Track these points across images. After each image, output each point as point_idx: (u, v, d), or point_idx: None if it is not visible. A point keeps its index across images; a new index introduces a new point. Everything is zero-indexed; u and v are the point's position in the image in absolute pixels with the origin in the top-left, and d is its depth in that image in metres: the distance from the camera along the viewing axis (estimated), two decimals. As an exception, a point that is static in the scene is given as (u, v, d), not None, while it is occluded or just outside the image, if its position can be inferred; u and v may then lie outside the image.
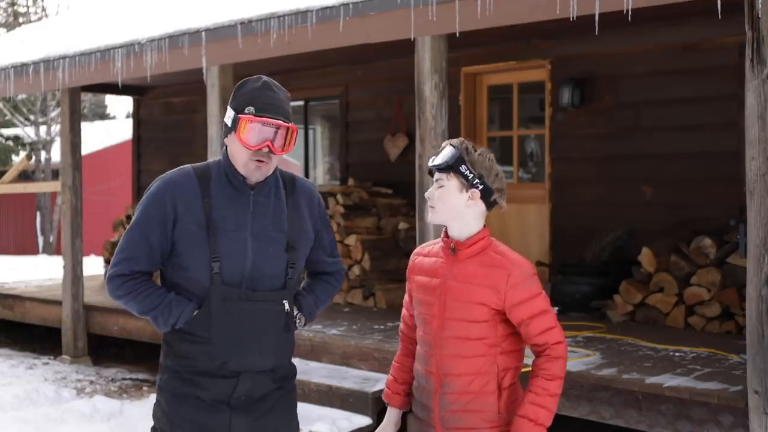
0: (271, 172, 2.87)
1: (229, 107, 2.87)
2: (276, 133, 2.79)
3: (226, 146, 2.91)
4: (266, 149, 2.79)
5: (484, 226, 2.91)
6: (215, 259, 2.78)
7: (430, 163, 2.91)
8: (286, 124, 2.82)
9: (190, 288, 2.84)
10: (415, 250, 3.07)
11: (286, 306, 2.88)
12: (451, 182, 2.85)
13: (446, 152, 2.86)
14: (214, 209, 2.81)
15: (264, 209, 2.87)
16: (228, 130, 2.85)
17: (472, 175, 2.83)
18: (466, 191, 2.84)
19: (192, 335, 2.84)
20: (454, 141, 2.91)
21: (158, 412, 2.94)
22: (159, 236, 2.83)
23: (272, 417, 2.92)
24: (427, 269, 2.94)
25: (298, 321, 2.98)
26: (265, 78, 2.88)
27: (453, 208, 2.86)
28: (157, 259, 2.86)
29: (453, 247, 2.88)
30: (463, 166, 2.83)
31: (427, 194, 2.93)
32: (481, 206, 2.87)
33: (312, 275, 3.11)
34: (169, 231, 2.82)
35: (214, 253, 2.78)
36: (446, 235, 2.93)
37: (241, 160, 2.82)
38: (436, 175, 2.88)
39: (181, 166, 2.95)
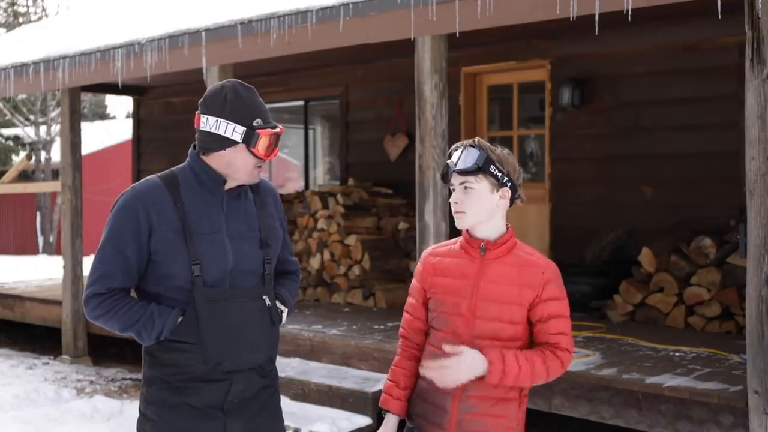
0: None
1: (226, 120, 2.80)
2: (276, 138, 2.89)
3: (197, 152, 2.88)
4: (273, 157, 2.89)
5: (508, 226, 2.87)
6: (195, 262, 2.77)
7: (458, 167, 2.79)
8: (281, 128, 2.90)
9: (172, 296, 2.81)
10: (430, 252, 2.98)
11: (267, 301, 2.91)
12: (482, 184, 2.78)
13: (471, 154, 2.79)
14: (188, 214, 2.81)
15: (236, 210, 2.90)
16: (231, 143, 2.81)
17: (501, 174, 2.79)
18: (497, 191, 2.80)
19: (180, 343, 2.80)
20: (470, 141, 2.84)
21: (146, 426, 2.87)
22: (134, 249, 2.78)
23: (262, 419, 2.92)
24: (451, 270, 2.86)
25: (284, 315, 3.01)
26: (242, 83, 2.89)
27: (486, 210, 2.80)
28: (134, 273, 2.81)
29: (483, 247, 2.82)
30: (492, 166, 2.78)
31: (453, 199, 2.82)
32: (507, 204, 2.84)
33: (277, 275, 3.09)
34: (145, 243, 2.78)
35: (193, 256, 2.77)
36: (470, 235, 2.85)
37: (247, 169, 2.85)
38: (460, 178, 2.79)
39: (147, 177, 2.92)
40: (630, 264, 7.46)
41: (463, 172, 2.78)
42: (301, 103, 11.08)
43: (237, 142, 2.81)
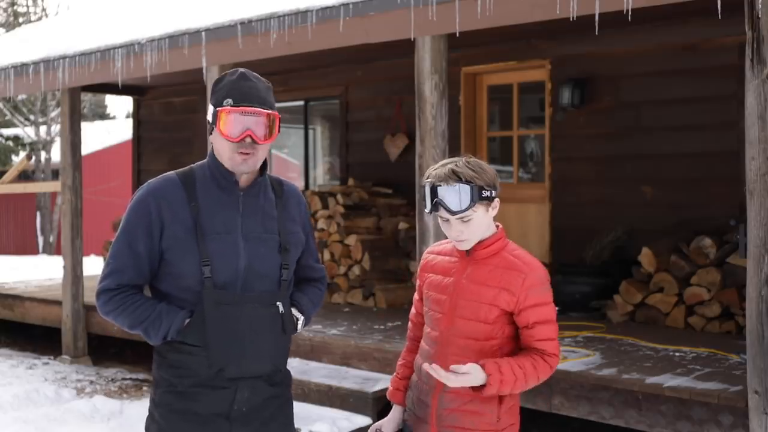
0: (258, 164, 2.79)
1: (209, 104, 2.80)
2: (256, 121, 2.72)
3: (212, 146, 2.83)
4: (248, 139, 2.70)
5: (498, 226, 2.89)
6: (205, 263, 2.70)
7: (454, 210, 2.73)
8: (266, 111, 2.74)
9: (182, 296, 2.75)
10: (429, 249, 3.04)
11: (281, 308, 2.81)
12: (478, 212, 2.77)
13: (463, 192, 2.74)
14: (201, 212, 2.74)
15: (254, 210, 2.80)
16: (211, 127, 2.78)
17: (490, 192, 2.78)
18: (490, 208, 2.82)
19: (186, 345, 2.75)
20: (454, 175, 2.75)
21: (153, 427, 2.85)
22: (146, 246, 2.73)
23: (271, 428, 2.84)
24: (440, 268, 2.92)
25: (299, 324, 2.91)
26: (242, 70, 2.82)
27: (486, 226, 2.82)
28: (146, 269, 2.77)
29: (468, 249, 2.85)
30: (483, 191, 2.76)
31: (455, 230, 2.78)
32: (497, 209, 2.86)
33: (299, 282, 3.01)
34: (156, 239, 2.73)
35: (204, 256, 2.70)
36: None
37: (226, 154, 2.74)
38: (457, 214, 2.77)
39: (164, 174, 2.87)
40: (630, 264, 7.46)
41: (461, 212, 2.75)
42: (301, 103, 11.07)
43: (212, 124, 2.77)
